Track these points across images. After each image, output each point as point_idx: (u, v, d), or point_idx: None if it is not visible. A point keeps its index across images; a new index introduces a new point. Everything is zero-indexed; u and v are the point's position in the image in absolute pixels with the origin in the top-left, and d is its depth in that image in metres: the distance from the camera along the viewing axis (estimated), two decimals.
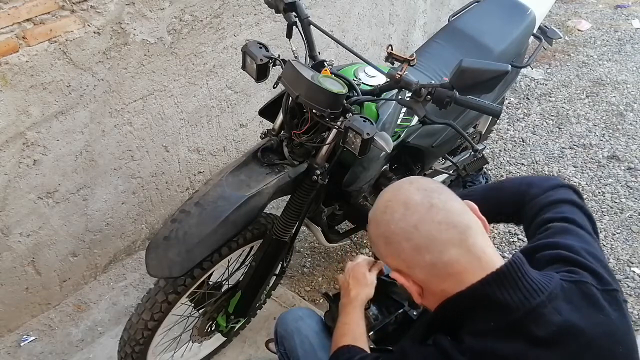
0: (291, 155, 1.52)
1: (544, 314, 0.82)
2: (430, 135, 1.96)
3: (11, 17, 1.58)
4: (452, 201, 0.87)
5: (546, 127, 3.24)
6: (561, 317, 0.82)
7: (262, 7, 2.33)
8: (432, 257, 0.84)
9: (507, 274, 0.83)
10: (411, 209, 0.85)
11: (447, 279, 0.85)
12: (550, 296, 0.83)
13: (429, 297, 0.90)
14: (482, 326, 0.83)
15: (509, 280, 0.83)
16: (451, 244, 0.83)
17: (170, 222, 1.42)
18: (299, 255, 2.41)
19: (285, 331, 1.37)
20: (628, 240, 2.47)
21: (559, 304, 0.83)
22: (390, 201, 0.89)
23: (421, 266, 0.85)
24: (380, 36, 3.24)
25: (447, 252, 0.83)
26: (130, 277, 2.25)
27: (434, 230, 0.83)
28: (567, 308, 0.83)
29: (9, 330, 1.99)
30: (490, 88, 1.30)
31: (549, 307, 0.82)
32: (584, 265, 0.91)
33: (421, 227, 0.84)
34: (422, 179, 0.92)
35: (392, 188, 0.92)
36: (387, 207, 0.88)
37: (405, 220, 0.85)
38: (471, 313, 0.85)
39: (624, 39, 4.11)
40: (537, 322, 0.81)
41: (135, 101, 2.02)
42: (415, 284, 0.88)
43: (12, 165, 1.75)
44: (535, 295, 0.82)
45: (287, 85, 1.43)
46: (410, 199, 0.86)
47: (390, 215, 0.87)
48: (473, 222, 0.87)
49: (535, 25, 2.31)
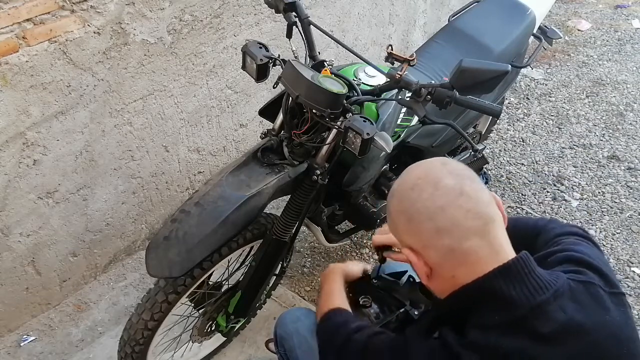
0: (291, 155, 1.52)
1: (549, 311, 0.82)
2: (430, 135, 1.96)
3: (11, 17, 1.58)
4: (482, 191, 0.86)
5: (546, 127, 3.24)
6: (566, 315, 0.82)
7: (262, 7, 2.33)
8: (452, 242, 0.83)
9: (513, 269, 0.83)
10: (440, 190, 0.84)
11: (461, 266, 0.85)
12: (556, 294, 0.83)
13: (437, 280, 0.90)
14: (486, 320, 0.83)
15: (515, 275, 0.83)
16: (473, 232, 0.83)
17: (170, 222, 1.42)
18: (299, 255, 2.41)
19: (284, 332, 1.37)
20: (628, 240, 2.47)
21: (565, 303, 0.83)
22: (420, 179, 0.87)
23: (438, 248, 0.85)
24: (380, 36, 3.24)
25: (468, 240, 0.83)
26: (130, 277, 2.25)
27: (459, 216, 0.83)
28: (572, 307, 0.83)
29: (9, 330, 1.99)
30: (490, 88, 1.30)
31: (554, 305, 0.82)
32: (593, 266, 0.90)
33: (447, 211, 0.83)
34: (455, 162, 0.90)
35: (423, 166, 0.90)
36: (415, 185, 0.87)
37: (432, 200, 0.84)
38: (477, 306, 0.85)
39: (624, 39, 4.11)
40: (541, 319, 0.81)
41: (135, 101, 2.02)
42: (425, 264, 0.88)
43: (12, 165, 1.75)
44: (541, 292, 0.82)
45: (287, 85, 1.43)
46: (442, 181, 0.85)
47: (417, 193, 0.86)
48: (497, 215, 0.86)
49: (535, 25, 2.31)
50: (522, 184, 2.82)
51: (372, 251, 2.43)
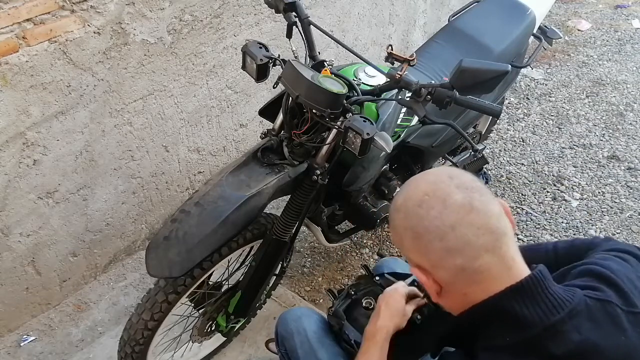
0: (291, 155, 1.52)
1: (563, 332, 0.78)
2: (430, 135, 1.96)
3: (11, 17, 1.58)
4: (492, 204, 0.83)
5: (546, 127, 3.24)
6: (580, 336, 0.78)
7: (262, 7, 2.33)
8: (464, 261, 0.80)
9: (527, 288, 0.80)
10: (450, 207, 0.81)
11: (473, 284, 0.82)
12: (571, 313, 0.80)
13: (448, 298, 0.87)
14: (497, 341, 0.81)
15: (528, 294, 0.80)
16: (485, 249, 0.80)
17: (170, 222, 1.42)
18: (299, 255, 2.41)
19: (285, 331, 1.36)
20: (628, 240, 2.47)
21: (580, 322, 0.80)
22: (428, 195, 0.82)
23: (448, 268, 0.82)
24: (380, 36, 3.24)
25: (480, 258, 0.80)
26: (130, 277, 2.25)
27: (471, 234, 0.79)
28: (588, 327, 0.80)
29: (9, 330, 1.99)
30: (490, 88, 1.30)
31: (568, 325, 0.79)
32: (611, 282, 0.86)
33: (458, 229, 0.80)
34: (462, 174, 0.86)
35: (430, 180, 0.85)
36: (423, 201, 0.82)
37: (442, 219, 0.80)
38: (487, 326, 0.83)
39: (624, 39, 4.11)
40: (555, 340, 0.78)
41: (135, 101, 2.02)
42: (435, 282, 0.85)
43: (12, 165, 1.75)
44: (555, 312, 0.79)
45: (287, 85, 1.43)
46: (450, 197, 0.81)
47: (426, 210, 0.82)
48: (508, 228, 0.83)
49: (535, 25, 2.31)
50: (522, 184, 2.82)
51: (372, 251, 2.43)
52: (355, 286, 1.37)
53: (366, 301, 1.34)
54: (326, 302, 2.19)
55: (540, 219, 2.60)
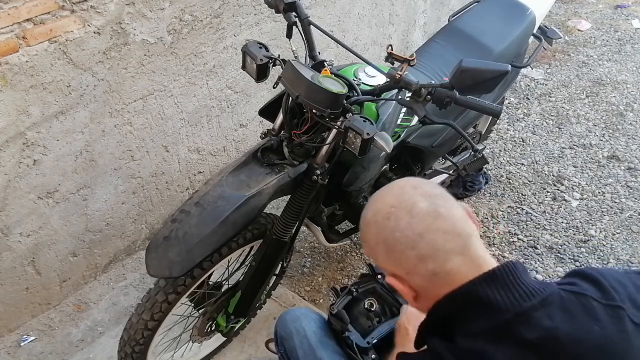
0: (291, 155, 1.52)
1: (535, 317, 0.80)
2: (430, 135, 1.96)
3: (11, 17, 1.58)
4: (455, 208, 0.87)
5: (546, 127, 3.24)
6: (552, 322, 0.80)
7: (262, 7, 2.33)
8: (435, 265, 0.84)
9: (499, 276, 0.83)
10: (417, 217, 0.84)
11: (445, 285, 0.85)
12: (543, 302, 0.81)
13: (424, 302, 0.90)
14: (472, 327, 0.83)
15: (500, 281, 0.82)
16: (454, 252, 0.83)
17: (170, 222, 1.42)
18: (299, 255, 2.41)
19: (284, 332, 1.36)
20: (628, 240, 2.47)
21: (552, 310, 0.81)
22: (394, 207, 0.86)
23: (422, 274, 0.85)
24: (380, 36, 3.24)
25: (450, 261, 0.83)
26: (130, 277, 2.25)
27: (439, 239, 0.83)
28: (560, 316, 0.81)
29: (9, 330, 1.99)
30: (490, 88, 1.30)
31: (540, 312, 0.81)
32: (594, 280, 0.87)
33: (427, 236, 0.83)
34: (425, 183, 0.90)
35: (394, 192, 0.89)
36: (390, 214, 0.86)
37: (411, 228, 0.84)
38: (461, 313, 0.85)
39: (624, 39, 4.11)
40: (526, 325, 0.80)
41: (135, 101, 2.02)
42: (410, 289, 0.88)
43: (12, 165, 1.75)
44: (527, 299, 0.81)
45: (287, 85, 1.43)
46: (416, 206, 0.85)
47: (394, 222, 0.85)
48: (473, 229, 0.87)
49: (535, 25, 2.31)
50: (522, 184, 2.82)
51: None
52: (357, 284, 1.37)
53: (368, 302, 1.34)
54: (326, 302, 2.19)
55: (540, 219, 2.60)
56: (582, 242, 2.47)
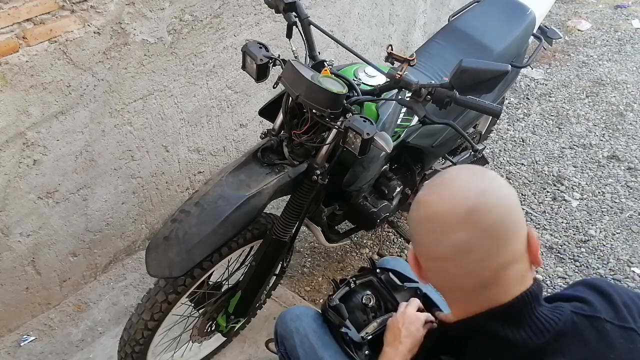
0: (291, 155, 1.52)
1: (550, 354, 0.78)
2: (430, 135, 1.96)
3: (11, 17, 1.58)
4: (494, 252, 0.78)
5: (546, 127, 3.24)
6: (565, 359, 0.78)
7: (262, 7, 2.33)
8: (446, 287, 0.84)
9: (512, 310, 0.80)
10: (448, 242, 0.78)
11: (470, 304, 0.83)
12: (557, 335, 0.79)
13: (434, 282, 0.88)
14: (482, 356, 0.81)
15: (513, 316, 0.80)
16: (480, 286, 0.80)
17: (170, 222, 1.42)
18: (299, 255, 2.41)
19: (284, 331, 1.36)
20: (628, 240, 2.47)
21: (566, 343, 0.79)
22: (437, 215, 0.80)
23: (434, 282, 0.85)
24: (380, 36, 3.24)
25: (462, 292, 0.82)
26: (130, 277, 2.25)
27: (457, 274, 0.80)
28: (574, 347, 0.79)
29: (9, 330, 1.99)
30: (490, 88, 1.30)
31: (554, 348, 0.78)
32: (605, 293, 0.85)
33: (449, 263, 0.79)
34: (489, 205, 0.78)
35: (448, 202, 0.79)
36: (429, 220, 0.80)
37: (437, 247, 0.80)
38: (474, 338, 0.83)
39: (624, 39, 4.11)
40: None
41: (135, 101, 2.02)
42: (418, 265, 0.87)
43: (12, 165, 1.75)
44: (540, 335, 0.79)
45: (287, 85, 1.43)
46: (454, 233, 0.78)
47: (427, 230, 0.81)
48: (518, 256, 0.80)
49: (535, 25, 2.31)
50: (522, 184, 2.82)
51: (372, 251, 2.43)
52: (356, 277, 1.38)
53: (366, 297, 1.34)
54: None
55: (540, 219, 2.60)
56: (582, 242, 2.47)
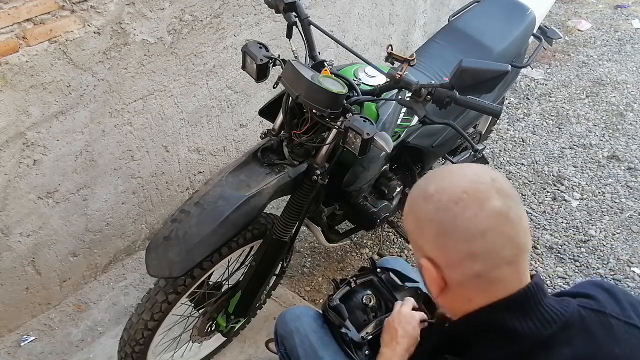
0: (291, 155, 1.52)
1: (556, 344, 0.78)
2: (430, 135, 1.96)
3: (11, 17, 1.58)
4: (524, 217, 0.80)
5: (546, 127, 3.24)
6: (572, 349, 0.78)
7: (262, 7, 2.33)
8: (483, 268, 0.78)
9: (520, 301, 0.79)
10: (486, 212, 0.77)
11: (482, 291, 0.81)
12: (564, 325, 0.79)
13: (449, 298, 0.85)
14: (490, 352, 0.80)
15: (521, 307, 0.79)
16: (507, 262, 0.78)
17: (170, 222, 1.42)
18: (299, 255, 2.41)
19: (284, 331, 1.36)
20: (628, 240, 2.47)
21: (573, 335, 0.79)
22: (466, 192, 0.79)
23: (465, 272, 0.79)
24: (380, 36, 3.24)
25: (499, 269, 0.78)
26: (130, 277, 2.25)
27: (498, 244, 0.77)
28: (580, 339, 0.79)
29: (9, 330, 1.99)
30: (490, 88, 1.30)
31: (560, 337, 0.78)
32: (610, 291, 0.86)
33: (489, 236, 0.77)
34: (503, 179, 0.82)
35: (469, 177, 0.81)
36: (460, 199, 0.78)
37: (476, 221, 0.77)
38: (479, 336, 0.82)
39: (624, 39, 4.11)
40: (546, 353, 0.77)
41: (135, 101, 2.02)
42: (442, 280, 0.82)
43: (12, 165, 1.75)
44: (547, 326, 0.78)
45: (287, 85, 1.43)
46: (489, 202, 0.78)
47: (461, 209, 0.78)
48: (529, 243, 0.82)
49: (535, 25, 2.31)
50: (522, 184, 2.82)
51: (372, 251, 2.43)
52: (356, 276, 1.38)
53: (366, 297, 1.34)
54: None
55: (540, 219, 2.60)
56: (582, 242, 2.47)
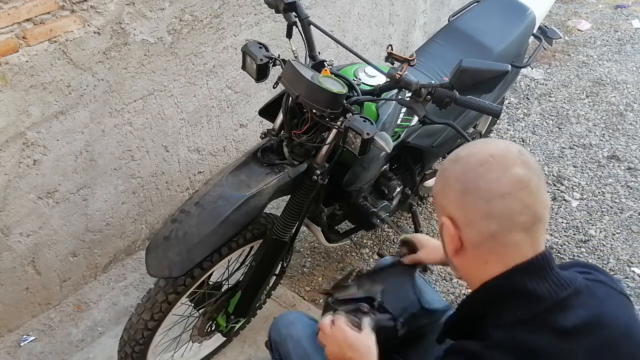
0: (291, 155, 1.52)
1: (570, 307, 0.83)
2: (430, 135, 1.96)
3: (11, 17, 1.58)
4: (544, 191, 0.86)
5: (546, 127, 3.24)
6: (586, 311, 0.83)
7: (262, 7, 2.33)
8: (498, 229, 0.83)
9: (537, 265, 0.84)
10: (508, 177, 0.83)
11: (496, 254, 0.85)
12: (576, 291, 0.84)
13: (464, 259, 0.89)
14: (508, 317, 0.83)
15: (538, 272, 0.84)
16: (522, 227, 0.83)
17: (170, 222, 1.42)
18: (299, 255, 2.41)
19: (278, 337, 1.36)
20: (628, 240, 2.47)
21: (585, 299, 0.85)
22: (493, 157, 0.85)
23: (481, 231, 0.84)
24: (380, 36, 3.24)
25: (514, 233, 0.83)
26: (130, 277, 2.25)
27: (516, 208, 0.82)
28: (591, 302, 0.85)
29: (9, 330, 1.99)
30: (490, 88, 1.30)
31: (575, 301, 0.83)
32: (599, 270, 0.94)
33: (507, 199, 0.82)
34: (530, 155, 0.88)
35: (499, 147, 0.88)
36: (486, 162, 0.85)
37: (497, 184, 0.83)
38: (498, 304, 0.85)
39: (624, 39, 4.11)
40: (564, 313, 0.82)
41: (135, 101, 2.02)
42: (460, 240, 0.87)
43: (12, 165, 1.75)
44: (562, 289, 0.83)
45: (287, 85, 1.43)
46: (513, 168, 0.83)
47: (485, 170, 0.84)
48: (547, 218, 0.87)
49: (535, 25, 2.31)
50: None
51: (372, 251, 2.43)
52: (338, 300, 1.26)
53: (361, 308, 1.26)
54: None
55: None
56: (582, 242, 2.47)
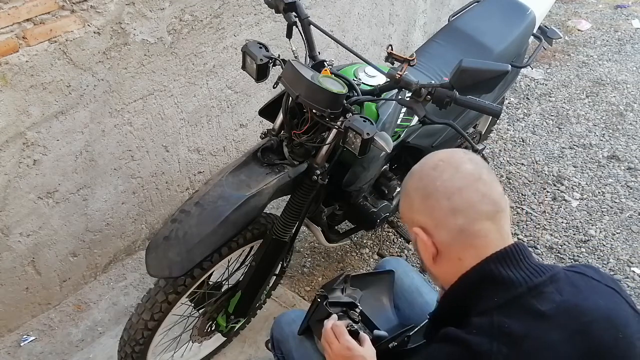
0: (291, 155, 1.52)
1: (546, 292, 0.85)
2: (430, 135, 1.96)
3: (11, 17, 1.58)
4: (496, 183, 0.91)
5: (546, 127, 3.24)
6: (562, 297, 0.85)
7: (262, 7, 2.33)
8: (465, 222, 0.87)
9: (509, 254, 0.87)
10: (461, 173, 0.90)
11: (469, 247, 0.88)
12: (552, 278, 0.87)
13: (443, 263, 0.92)
14: (486, 304, 0.86)
15: (512, 260, 0.87)
16: (486, 216, 0.88)
17: (170, 222, 1.42)
18: (299, 255, 2.41)
19: (280, 335, 1.37)
20: (628, 240, 2.47)
21: (561, 286, 0.87)
22: (443, 161, 0.93)
23: (450, 228, 0.88)
24: (380, 36, 3.24)
25: (480, 222, 0.87)
26: (130, 277, 2.25)
27: (476, 198, 0.88)
28: (569, 290, 0.87)
29: (9, 330, 1.99)
30: (490, 88, 1.30)
31: (550, 287, 0.86)
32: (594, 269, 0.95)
33: (465, 192, 0.88)
34: (475, 155, 0.95)
35: (445, 152, 0.96)
36: (437, 165, 0.92)
37: (452, 181, 0.89)
38: (475, 294, 0.88)
39: (624, 39, 4.11)
40: (539, 298, 0.84)
41: (135, 101, 2.02)
42: (433, 245, 0.91)
43: (12, 165, 1.75)
44: (537, 275, 0.86)
45: (287, 85, 1.43)
46: (462, 165, 0.91)
47: (439, 172, 0.91)
48: (507, 208, 0.91)
49: (535, 25, 2.31)
50: (522, 184, 2.82)
51: (372, 251, 2.43)
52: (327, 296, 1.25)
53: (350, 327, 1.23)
54: None
55: (540, 219, 2.60)
56: (582, 242, 2.47)
